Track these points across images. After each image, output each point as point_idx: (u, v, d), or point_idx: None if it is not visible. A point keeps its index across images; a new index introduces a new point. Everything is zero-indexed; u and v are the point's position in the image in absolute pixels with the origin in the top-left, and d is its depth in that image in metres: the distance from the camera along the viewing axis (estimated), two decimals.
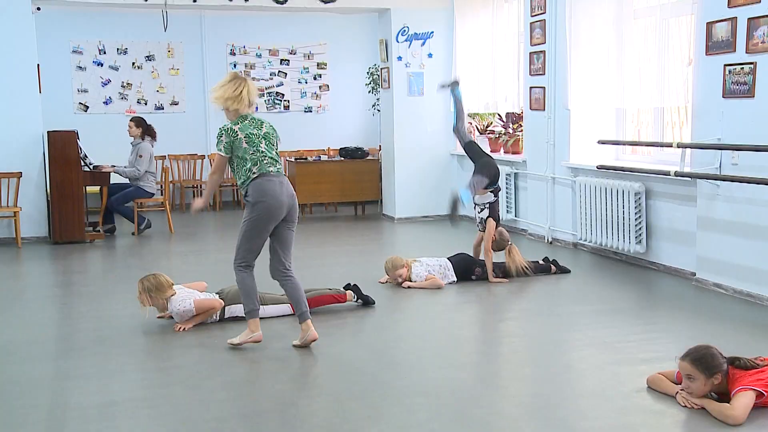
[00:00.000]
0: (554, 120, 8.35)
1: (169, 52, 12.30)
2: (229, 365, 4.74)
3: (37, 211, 9.28)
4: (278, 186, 4.89)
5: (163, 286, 5.45)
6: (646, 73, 7.22)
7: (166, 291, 5.46)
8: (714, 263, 6.25)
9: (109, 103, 12.13)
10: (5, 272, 7.74)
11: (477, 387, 4.29)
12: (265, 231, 4.89)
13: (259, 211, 4.85)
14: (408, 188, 10.57)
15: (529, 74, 8.74)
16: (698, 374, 3.80)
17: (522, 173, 9.15)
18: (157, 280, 5.46)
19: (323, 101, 13.03)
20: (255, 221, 4.86)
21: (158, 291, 5.43)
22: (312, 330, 4.95)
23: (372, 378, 4.41)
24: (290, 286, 5.00)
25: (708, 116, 6.19)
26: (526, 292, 6.43)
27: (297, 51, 12.82)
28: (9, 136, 9.02)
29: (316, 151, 12.59)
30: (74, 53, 11.92)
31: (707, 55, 6.14)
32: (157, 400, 4.12)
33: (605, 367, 4.50)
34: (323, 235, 9.55)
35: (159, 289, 5.43)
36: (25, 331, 5.54)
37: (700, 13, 6.23)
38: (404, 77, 10.45)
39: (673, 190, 6.81)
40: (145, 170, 9.68)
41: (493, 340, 5.31)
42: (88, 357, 4.88)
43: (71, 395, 4.23)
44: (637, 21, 7.41)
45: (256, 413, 3.92)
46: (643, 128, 7.91)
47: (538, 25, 8.48)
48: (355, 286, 6.00)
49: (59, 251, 8.66)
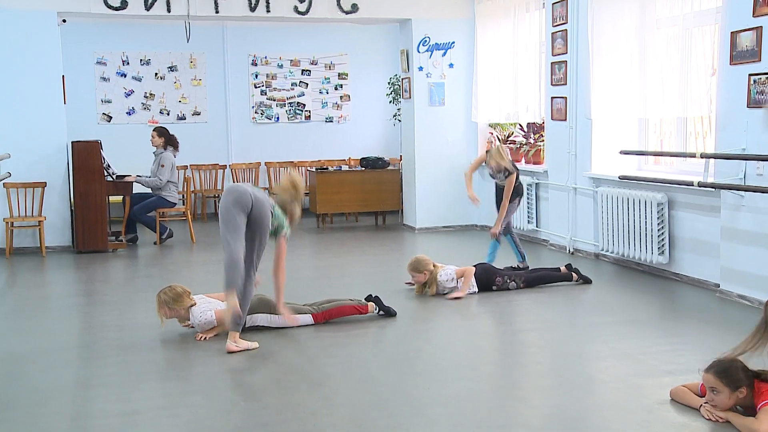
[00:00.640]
0: (576, 130, 8.31)
1: (191, 62, 12.40)
2: (250, 375, 4.74)
3: (61, 220, 9.37)
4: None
5: (181, 297, 5.45)
6: (668, 83, 7.17)
7: (184, 301, 5.47)
8: (738, 274, 6.18)
9: (132, 114, 12.24)
10: (29, 281, 7.81)
11: (497, 398, 4.27)
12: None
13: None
14: (429, 198, 10.55)
15: (551, 84, 8.72)
16: (723, 387, 3.76)
17: (543, 183, 9.11)
18: (174, 292, 5.46)
19: (344, 111, 13.07)
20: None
21: (176, 302, 5.44)
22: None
23: (392, 388, 4.40)
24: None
25: (732, 126, 6.14)
26: (547, 303, 6.39)
27: (318, 61, 12.87)
28: (34, 147, 9.12)
29: (337, 161, 12.62)
30: (98, 64, 12.05)
31: (731, 64, 6.09)
32: (178, 409, 4.13)
33: (627, 378, 4.46)
34: (344, 246, 9.56)
35: (177, 300, 5.44)
36: (49, 339, 5.59)
37: (725, 22, 6.18)
38: (425, 87, 10.45)
39: (697, 201, 6.75)
40: (167, 180, 9.74)
41: (513, 351, 5.28)
42: (110, 365, 4.91)
43: (94, 403, 4.26)
44: (660, 31, 7.36)
45: (277, 423, 3.92)
46: (666, 138, 7.86)
47: (559, 35, 8.46)
48: (376, 297, 6.00)
49: (82, 260, 8.73)
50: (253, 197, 5.19)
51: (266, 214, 5.24)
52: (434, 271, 6.63)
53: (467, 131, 10.60)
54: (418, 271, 6.61)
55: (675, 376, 4.39)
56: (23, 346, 5.41)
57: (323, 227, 10.97)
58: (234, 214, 5.11)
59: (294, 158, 12.75)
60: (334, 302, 5.82)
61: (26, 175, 9.08)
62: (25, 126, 9.04)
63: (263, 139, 12.69)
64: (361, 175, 11.02)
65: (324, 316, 5.72)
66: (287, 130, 12.81)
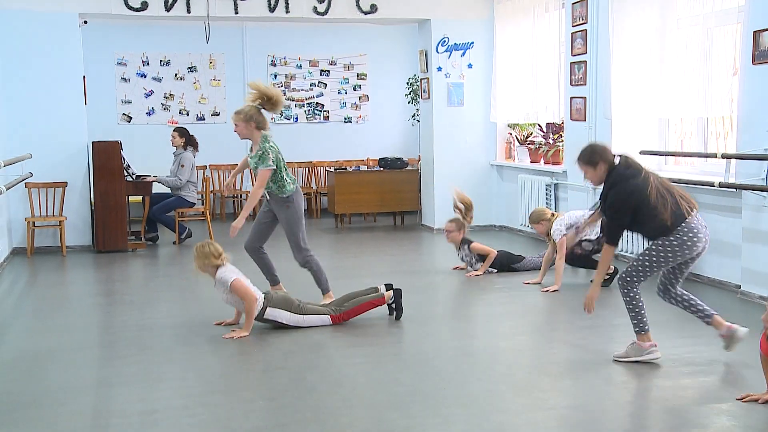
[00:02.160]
0: (595, 130, 8.27)
1: (210, 63, 12.46)
2: (269, 375, 4.76)
3: (81, 220, 9.45)
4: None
5: (208, 256, 5.62)
6: (689, 83, 7.12)
7: (211, 259, 5.60)
8: (760, 276, 6.13)
9: (152, 114, 12.31)
10: (50, 280, 7.88)
11: (516, 399, 4.26)
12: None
13: (299, 207, 6.23)
14: (447, 199, 10.47)
15: (570, 84, 8.68)
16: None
17: (562, 184, 9.07)
18: (203, 250, 5.67)
19: (363, 112, 13.08)
20: (300, 214, 6.21)
21: (202, 258, 5.62)
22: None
23: (410, 388, 4.40)
24: (266, 258, 6.39)
25: (754, 126, 6.08)
26: (566, 304, 6.36)
27: (337, 62, 12.89)
28: (55, 147, 9.20)
29: (356, 161, 12.63)
30: (119, 65, 12.14)
31: (754, 64, 6.04)
32: (197, 409, 4.15)
33: (646, 380, 4.44)
34: (362, 246, 9.57)
35: (203, 257, 5.63)
36: (69, 338, 5.63)
37: (747, 21, 6.13)
38: (444, 88, 10.44)
39: (718, 202, 6.70)
40: (187, 180, 9.80)
41: (532, 351, 5.25)
42: (130, 365, 4.94)
43: (114, 402, 4.29)
44: (681, 30, 7.31)
45: (295, 422, 3.93)
46: (686, 139, 7.80)
47: (579, 35, 8.42)
48: (397, 290, 5.97)
49: (102, 260, 8.80)
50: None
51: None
52: (551, 219, 7.13)
53: (486, 132, 10.58)
54: (537, 221, 7.21)
55: (695, 377, 4.36)
56: (44, 344, 5.46)
57: (341, 227, 10.99)
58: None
59: (313, 158, 12.77)
60: (353, 301, 5.83)
61: (47, 176, 9.16)
62: (46, 126, 9.13)
63: (282, 140, 12.46)
64: (380, 175, 11.02)
65: (342, 318, 5.74)
66: (306, 131, 12.84)
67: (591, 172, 4.70)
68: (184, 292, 7.05)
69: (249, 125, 6.11)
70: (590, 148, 4.76)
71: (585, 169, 4.72)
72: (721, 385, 4.33)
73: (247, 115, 6.09)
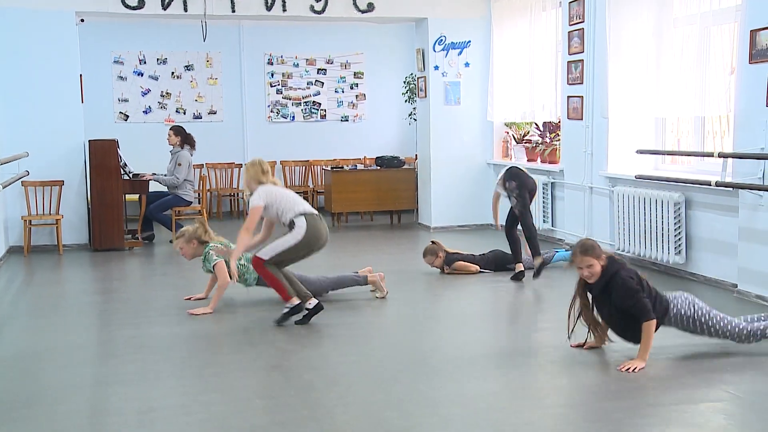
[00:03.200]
0: (592, 129, 8.28)
1: (207, 61, 12.44)
2: (266, 373, 4.76)
3: (78, 218, 9.44)
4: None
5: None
6: (686, 82, 7.12)
7: (259, 175, 5.81)
8: (756, 275, 6.14)
9: (149, 113, 12.30)
10: (47, 278, 7.87)
11: (512, 398, 4.26)
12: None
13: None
14: (444, 197, 10.55)
15: (567, 83, 8.68)
16: None
17: (559, 183, 9.08)
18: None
19: (360, 110, 13.08)
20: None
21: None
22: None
23: (407, 387, 4.40)
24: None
25: (751, 125, 6.09)
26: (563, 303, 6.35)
27: (334, 60, 12.89)
28: (52, 145, 9.18)
29: (353, 160, 12.63)
30: (115, 63, 12.12)
31: (750, 63, 6.04)
32: (194, 407, 4.15)
33: (641, 379, 4.44)
34: (359, 244, 9.57)
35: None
36: (66, 336, 5.63)
37: (744, 20, 6.14)
38: (441, 86, 10.44)
39: (714, 201, 6.71)
40: (184, 178, 9.79)
41: (528, 351, 5.26)
42: (127, 363, 4.93)
43: (111, 401, 4.28)
44: (678, 29, 7.32)
45: (292, 421, 3.93)
46: (683, 137, 7.81)
47: (576, 33, 8.43)
48: (319, 305, 5.86)
49: (99, 258, 8.79)
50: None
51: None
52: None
53: (483, 130, 10.58)
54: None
55: (693, 376, 4.37)
56: (40, 343, 5.45)
57: (338, 226, 10.99)
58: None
59: (309, 157, 12.77)
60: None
61: (44, 174, 9.15)
62: (42, 125, 9.11)
63: (279, 138, 12.72)
64: (377, 174, 11.02)
65: (261, 264, 5.73)
66: (303, 129, 12.83)
67: (597, 265, 4.71)
68: (180, 290, 7.04)
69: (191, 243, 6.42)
70: (591, 241, 4.86)
71: (591, 262, 4.70)
72: (718, 383, 4.33)
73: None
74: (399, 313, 6.17)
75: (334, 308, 6.20)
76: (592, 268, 4.69)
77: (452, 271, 7.42)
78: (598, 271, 4.69)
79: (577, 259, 4.73)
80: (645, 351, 4.62)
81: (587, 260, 4.69)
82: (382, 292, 6.49)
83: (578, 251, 4.74)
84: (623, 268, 4.74)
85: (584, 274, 4.73)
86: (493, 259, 7.58)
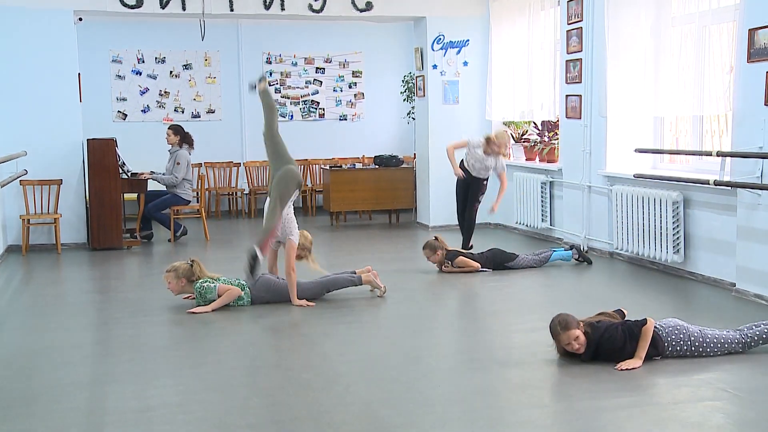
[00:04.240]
0: (590, 128, 8.28)
1: (206, 60, 12.44)
2: (264, 372, 4.76)
3: (76, 217, 9.43)
4: None
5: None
6: (684, 81, 7.13)
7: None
8: (755, 273, 6.14)
9: (147, 112, 12.29)
10: (45, 278, 7.86)
11: (511, 396, 4.26)
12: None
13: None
14: (442, 196, 10.52)
15: (566, 82, 8.68)
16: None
17: (557, 182, 9.08)
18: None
19: (358, 109, 13.08)
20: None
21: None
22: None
23: (405, 386, 4.40)
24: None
25: (749, 124, 6.09)
26: (561, 302, 6.37)
27: (332, 59, 12.89)
28: (50, 144, 9.18)
29: (351, 159, 12.62)
30: (114, 62, 12.11)
31: (749, 62, 6.04)
32: (192, 406, 4.14)
33: (641, 378, 4.44)
34: (357, 244, 9.56)
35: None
36: (64, 335, 5.62)
37: (743, 19, 6.14)
38: (439, 85, 10.44)
39: (713, 200, 6.71)
40: (182, 178, 9.78)
41: (525, 349, 5.25)
42: (125, 362, 4.93)
43: (109, 400, 4.28)
44: (676, 28, 7.32)
45: (290, 420, 3.92)
46: (681, 136, 7.81)
47: (574, 32, 8.42)
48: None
49: (97, 257, 8.78)
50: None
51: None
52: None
53: (481, 129, 10.56)
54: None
55: (689, 375, 4.37)
56: (39, 342, 5.45)
57: (337, 225, 10.99)
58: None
59: (308, 156, 12.76)
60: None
61: (42, 173, 9.14)
62: (41, 124, 9.10)
63: None
64: (375, 173, 11.02)
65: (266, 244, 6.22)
66: (301, 128, 12.83)
67: (581, 335, 4.62)
68: None
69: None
70: (563, 315, 4.72)
71: (576, 334, 4.60)
72: (716, 382, 4.33)
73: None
74: (397, 312, 6.17)
75: (333, 308, 6.20)
76: (579, 339, 4.60)
77: (452, 269, 7.41)
78: (584, 339, 4.62)
79: (563, 337, 4.62)
80: (642, 351, 4.60)
81: (572, 334, 4.59)
82: (380, 290, 6.48)
83: (559, 330, 4.63)
84: (606, 329, 4.65)
85: (575, 348, 4.61)
86: (492, 258, 7.58)
